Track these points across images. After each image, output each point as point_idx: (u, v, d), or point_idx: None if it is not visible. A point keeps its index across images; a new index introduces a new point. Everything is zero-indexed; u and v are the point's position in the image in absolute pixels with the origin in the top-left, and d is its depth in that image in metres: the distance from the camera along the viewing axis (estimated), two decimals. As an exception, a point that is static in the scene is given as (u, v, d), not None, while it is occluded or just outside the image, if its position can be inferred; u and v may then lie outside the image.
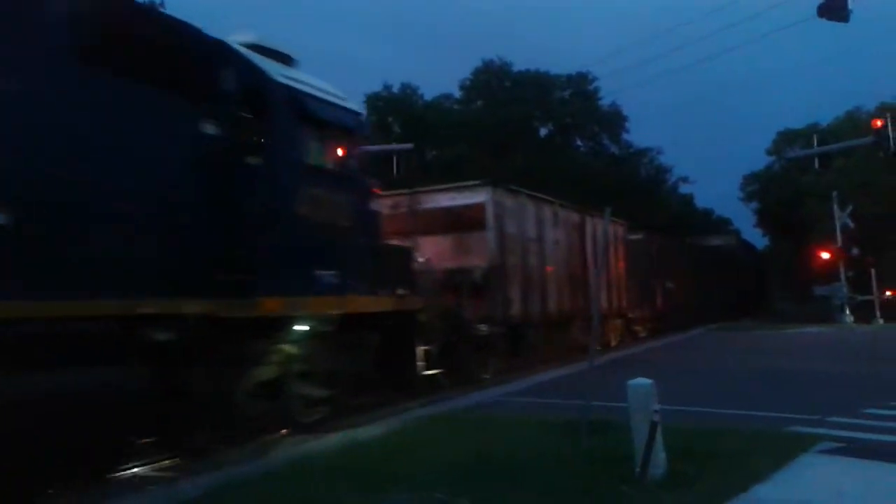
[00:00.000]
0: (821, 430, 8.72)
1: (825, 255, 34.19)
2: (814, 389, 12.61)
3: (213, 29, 8.91)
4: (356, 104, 11.90)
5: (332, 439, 8.86)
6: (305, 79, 10.08)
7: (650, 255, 28.27)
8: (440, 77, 68.17)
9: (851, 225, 34.22)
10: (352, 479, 6.73)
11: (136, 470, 8.36)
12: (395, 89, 54.96)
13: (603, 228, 10.29)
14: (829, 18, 17.45)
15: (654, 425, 6.28)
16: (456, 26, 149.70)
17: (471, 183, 17.22)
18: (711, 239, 48.06)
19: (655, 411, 6.38)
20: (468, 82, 56.51)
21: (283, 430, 9.63)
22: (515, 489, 6.24)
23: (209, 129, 8.53)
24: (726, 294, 42.05)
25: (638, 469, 6.31)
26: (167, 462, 8.72)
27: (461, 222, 16.16)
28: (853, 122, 41.29)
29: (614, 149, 58.99)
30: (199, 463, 8.14)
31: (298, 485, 6.68)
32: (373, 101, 54.12)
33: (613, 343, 23.56)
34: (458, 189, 17.00)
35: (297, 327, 9.50)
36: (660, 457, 6.39)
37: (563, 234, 19.98)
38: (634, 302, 25.81)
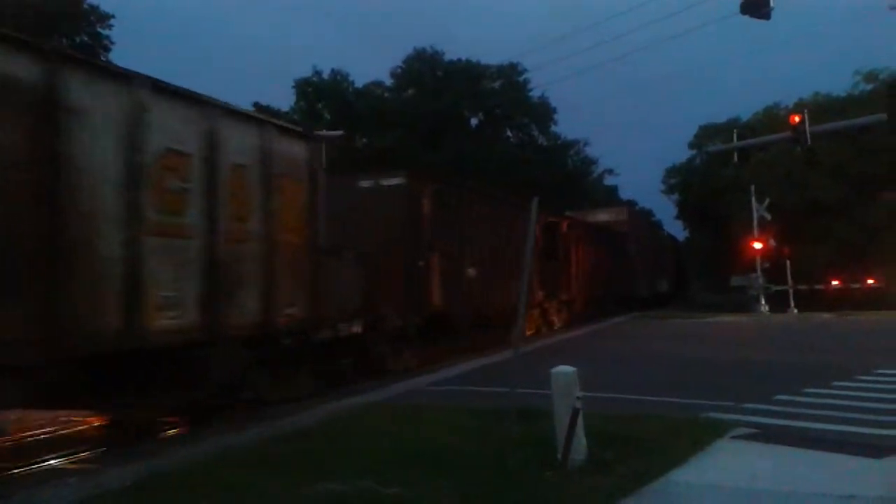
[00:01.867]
0: (735, 417, 9.04)
1: (758, 246, 34.75)
2: (728, 377, 13.01)
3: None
4: None
5: (258, 431, 8.77)
6: None
7: (418, 214, 16.36)
8: (371, 64, 67.70)
9: (768, 217, 35.28)
10: (278, 470, 6.70)
11: (52, 462, 8.15)
12: (326, 75, 54.40)
13: (534, 220, 8.58)
14: (752, 16, 17.88)
15: (575, 411, 6.41)
16: (388, 14, 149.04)
17: None
18: (598, 213, 37.52)
19: (578, 398, 6.51)
20: (399, 70, 56.31)
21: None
22: (442, 476, 6.30)
23: None
24: (611, 286, 32.66)
25: (560, 455, 6.44)
26: (85, 454, 8.54)
27: None
28: (771, 118, 42.50)
29: (543, 140, 59.58)
30: (123, 454, 7.98)
31: (223, 475, 6.61)
32: (302, 86, 53.45)
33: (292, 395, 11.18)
34: None
35: None
36: (581, 442, 6.54)
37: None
38: (353, 305, 12.87)
